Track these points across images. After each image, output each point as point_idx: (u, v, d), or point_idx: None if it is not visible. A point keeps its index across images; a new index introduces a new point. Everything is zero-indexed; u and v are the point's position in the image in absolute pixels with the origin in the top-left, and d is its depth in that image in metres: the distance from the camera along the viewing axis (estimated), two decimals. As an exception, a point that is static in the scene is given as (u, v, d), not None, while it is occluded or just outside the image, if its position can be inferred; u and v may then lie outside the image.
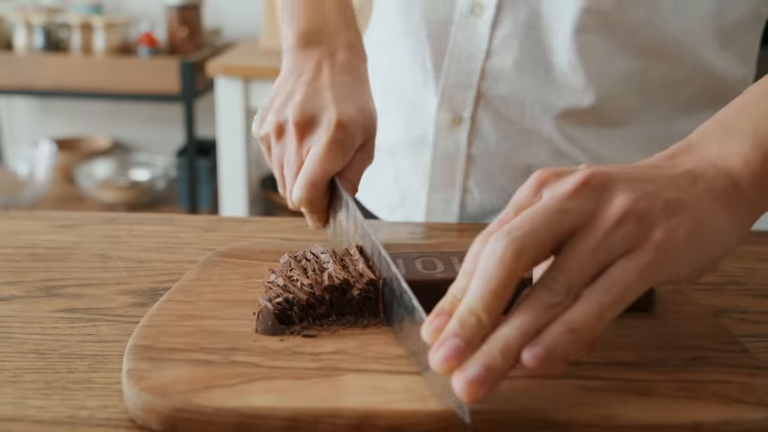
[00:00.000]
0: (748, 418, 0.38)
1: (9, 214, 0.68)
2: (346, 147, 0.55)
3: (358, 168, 0.58)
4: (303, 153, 0.56)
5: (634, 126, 0.68)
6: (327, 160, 0.54)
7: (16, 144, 2.63)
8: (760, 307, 0.54)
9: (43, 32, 2.23)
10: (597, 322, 0.35)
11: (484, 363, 0.34)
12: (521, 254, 0.35)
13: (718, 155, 0.41)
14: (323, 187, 0.55)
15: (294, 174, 0.56)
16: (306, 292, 0.46)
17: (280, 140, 0.58)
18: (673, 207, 0.38)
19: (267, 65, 2.00)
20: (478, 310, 0.35)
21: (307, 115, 0.56)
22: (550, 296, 0.35)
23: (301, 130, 0.56)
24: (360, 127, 0.56)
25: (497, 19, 0.66)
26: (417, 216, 0.75)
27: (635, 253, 0.36)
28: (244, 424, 0.37)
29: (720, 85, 0.68)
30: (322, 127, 0.55)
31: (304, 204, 0.55)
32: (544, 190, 0.39)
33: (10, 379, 0.42)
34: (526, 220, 0.36)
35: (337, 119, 0.55)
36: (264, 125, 0.59)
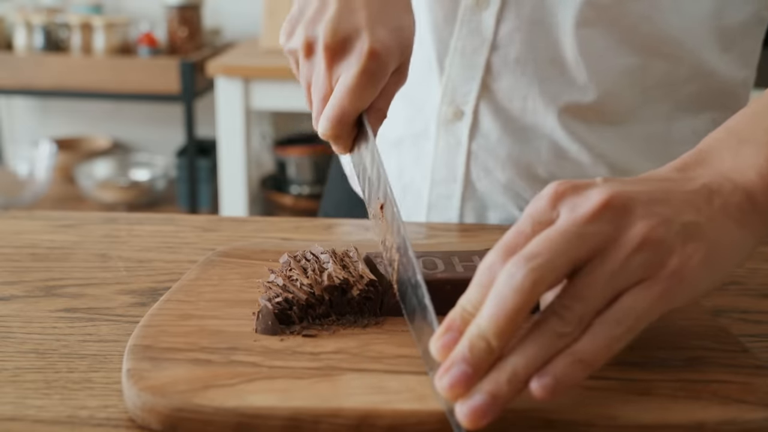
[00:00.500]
0: (748, 418, 0.38)
1: (9, 214, 0.68)
2: (378, 78, 0.51)
3: (389, 92, 0.54)
4: (333, 79, 0.52)
5: (635, 124, 0.68)
6: (356, 94, 0.51)
7: (16, 144, 2.63)
8: (760, 307, 0.54)
9: (43, 32, 2.23)
10: (607, 353, 0.35)
11: (490, 391, 0.34)
12: (539, 284, 0.35)
13: (733, 168, 0.41)
14: (351, 122, 0.52)
15: (321, 99, 0.53)
16: (305, 291, 0.46)
17: (309, 59, 0.54)
18: (690, 232, 0.37)
19: (267, 65, 2.00)
20: (489, 336, 0.34)
21: (338, 38, 0.51)
22: (561, 325, 0.35)
23: (331, 54, 0.52)
24: (395, 51, 0.52)
25: (502, 12, 0.65)
26: (419, 210, 0.75)
27: (649, 282, 0.36)
28: (244, 423, 0.37)
29: (720, 87, 0.68)
30: (354, 53, 0.51)
31: (330, 138, 0.52)
32: (561, 206, 0.38)
33: (10, 379, 0.42)
34: (545, 246, 0.36)
35: (369, 48, 0.50)
36: (292, 39, 0.55)
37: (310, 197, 2.34)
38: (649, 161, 0.69)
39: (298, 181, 2.36)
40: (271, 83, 1.98)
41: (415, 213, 0.75)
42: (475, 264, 0.49)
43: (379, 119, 0.54)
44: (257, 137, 2.46)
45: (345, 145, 0.53)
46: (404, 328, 0.46)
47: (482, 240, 0.65)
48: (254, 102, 2.00)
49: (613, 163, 0.69)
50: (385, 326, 0.46)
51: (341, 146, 0.54)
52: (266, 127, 2.53)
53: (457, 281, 0.47)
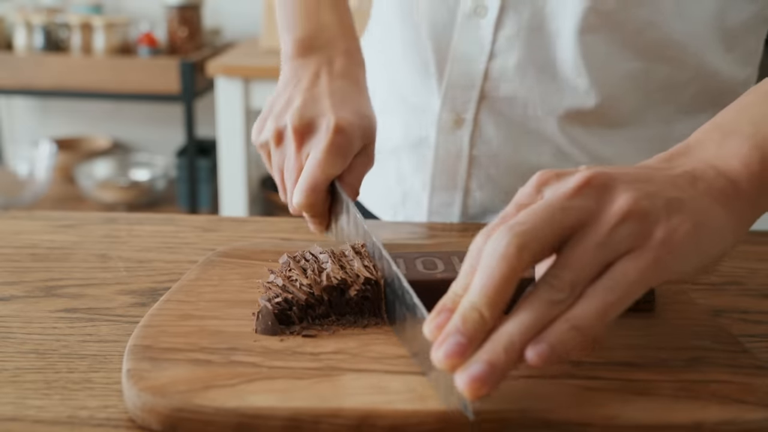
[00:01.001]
0: (748, 418, 0.38)
1: (9, 214, 0.68)
2: (345, 151, 0.56)
3: (358, 172, 0.58)
4: (302, 158, 0.57)
5: (637, 127, 0.68)
6: (326, 164, 0.55)
7: (16, 144, 2.63)
8: (760, 307, 0.54)
9: (43, 32, 2.23)
10: (600, 320, 0.35)
11: (488, 360, 0.34)
12: (523, 249, 0.35)
13: (717, 156, 0.42)
14: (323, 191, 0.55)
15: (294, 179, 0.57)
16: (305, 292, 0.46)
17: (280, 146, 0.59)
18: (674, 207, 0.38)
19: (267, 65, 2.00)
20: (480, 306, 0.35)
21: (305, 121, 0.57)
22: (553, 293, 0.36)
23: (300, 135, 0.57)
24: (358, 131, 0.57)
25: (500, 20, 0.65)
26: (419, 217, 0.75)
27: (638, 251, 0.37)
28: (244, 424, 0.37)
29: (722, 87, 0.68)
30: (320, 131, 0.56)
31: (305, 209, 0.56)
32: (546, 189, 0.39)
33: (10, 379, 0.42)
34: (528, 216, 0.36)
35: (335, 123, 0.55)
36: (263, 132, 0.60)
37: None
38: None
39: (298, 181, 2.36)
40: (271, 83, 1.97)
41: (415, 220, 0.76)
42: (475, 264, 0.49)
43: (353, 195, 0.57)
44: (257, 137, 2.45)
45: (321, 217, 0.57)
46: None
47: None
48: (254, 102, 2.00)
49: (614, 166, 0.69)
50: (385, 326, 0.46)
51: (317, 218, 0.57)
52: (266, 127, 2.52)
53: (457, 281, 0.47)
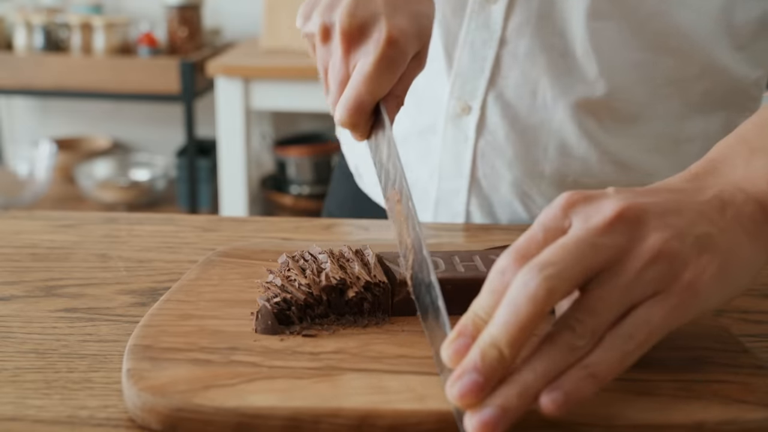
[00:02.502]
0: (748, 418, 0.38)
1: (9, 214, 0.68)
2: (396, 65, 0.51)
3: (407, 79, 0.53)
4: (350, 66, 0.51)
5: (645, 122, 0.68)
6: (374, 82, 0.50)
7: (16, 144, 2.63)
8: (760, 307, 0.54)
9: (43, 32, 2.23)
10: (619, 367, 0.35)
11: (501, 405, 0.34)
12: (553, 293, 0.34)
13: (745, 178, 0.41)
14: (369, 110, 0.51)
15: (338, 86, 0.52)
16: (304, 292, 0.46)
17: (326, 44, 0.53)
18: (703, 244, 0.37)
19: (267, 65, 2.00)
20: (501, 345, 0.34)
21: (355, 25, 0.51)
22: (573, 339, 0.35)
23: (348, 40, 0.51)
24: (413, 38, 0.51)
25: (511, 6, 0.65)
26: (426, 205, 0.75)
27: (663, 295, 0.36)
28: (244, 423, 0.37)
29: (732, 86, 0.68)
30: (371, 40, 0.50)
31: (347, 126, 0.52)
32: (573, 215, 0.38)
33: (10, 379, 0.42)
34: (559, 255, 0.35)
35: (387, 34, 0.50)
36: (309, 23, 0.54)
37: (310, 197, 2.34)
38: (659, 160, 0.69)
39: (298, 181, 2.36)
40: (271, 83, 1.98)
41: (421, 208, 0.75)
42: (475, 264, 0.49)
43: (396, 106, 0.53)
44: (257, 137, 2.46)
45: (362, 133, 0.53)
46: (405, 328, 0.46)
47: (485, 240, 0.65)
48: (254, 102, 2.00)
49: (621, 161, 0.69)
50: (385, 326, 0.46)
51: (358, 134, 0.53)
52: (266, 127, 2.53)
53: (458, 281, 0.47)
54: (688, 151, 0.69)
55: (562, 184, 0.69)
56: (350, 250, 0.50)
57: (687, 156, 0.69)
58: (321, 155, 2.34)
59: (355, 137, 0.54)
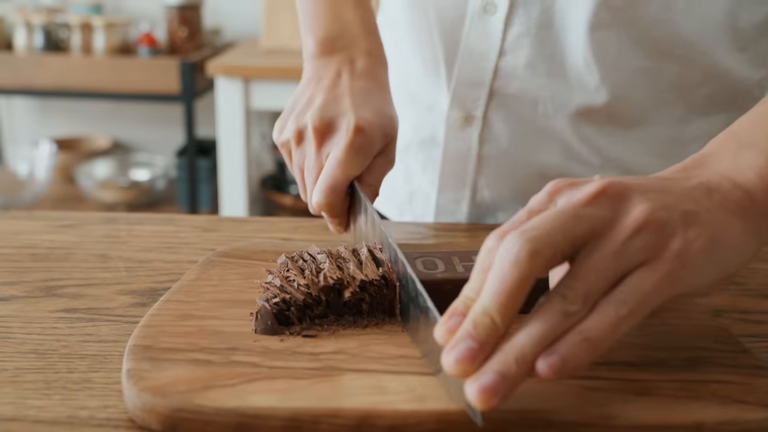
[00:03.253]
0: (748, 418, 0.38)
1: (9, 214, 0.68)
2: (365, 151, 0.56)
3: (378, 173, 0.58)
4: (323, 158, 0.57)
5: (648, 127, 0.68)
6: (346, 164, 0.55)
7: (16, 144, 2.63)
8: (760, 307, 0.54)
9: (43, 32, 2.23)
10: (613, 333, 0.35)
11: (498, 370, 0.34)
12: (536, 255, 0.35)
13: (733, 168, 0.41)
14: (343, 191, 0.55)
15: (314, 179, 0.57)
16: (303, 292, 0.46)
17: (300, 146, 0.59)
18: (690, 219, 0.38)
19: (267, 65, 2.00)
20: (492, 311, 0.35)
21: (326, 121, 0.56)
22: (566, 305, 0.35)
23: (320, 135, 0.56)
24: (379, 131, 0.57)
25: (510, 17, 0.65)
26: (427, 215, 0.75)
27: (653, 263, 0.36)
28: (244, 424, 0.37)
29: (735, 88, 0.68)
30: (341, 131, 0.56)
31: (324, 209, 0.55)
32: (559, 197, 0.39)
33: (10, 379, 0.42)
34: (541, 222, 0.36)
35: (355, 123, 0.55)
36: (284, 132, 0.60)
37: (310, 197, 2.34)
38: (661, 164, 0.69)
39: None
40: (271, 83, 1.98)
41: (422, 218, 0.75)
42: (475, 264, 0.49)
43: (372, 195, 0.57)
44: (257, 137, 2.46)
45: (340, 217, 0.57)
46: (405, 329, 0.46)
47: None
48: (254, 102, 2.00)
49: (624, 165, 0.69)
50: (385, 326, 0.46)
51: (336, 218, 0.57)
52: (266, 127, 2.53)
53: (458, 281, 0.47)
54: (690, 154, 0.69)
55: None
56: (347, 250, 0.50)
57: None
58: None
59: (334, 227, 0.58)
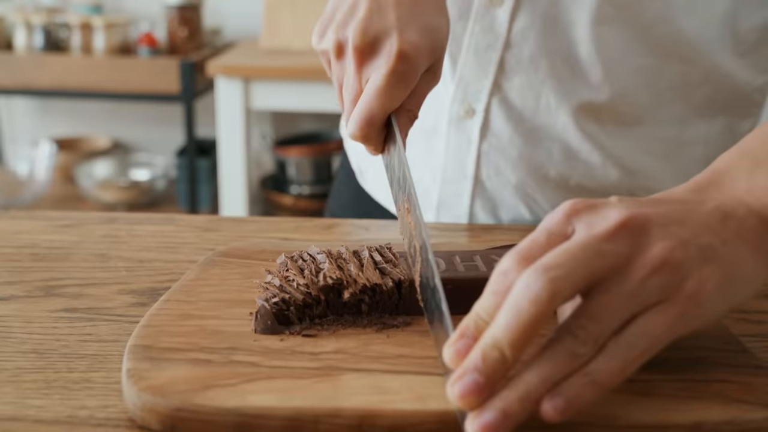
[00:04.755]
0: (748, 417, 0.38)
1: (9, 214, 0.68)
2: (407, 79, 0.51)
3: (420, 93, 0.54)
4: (362, 80, 0.52)
5: (648, 126, 0.68)
6: (385, 96, 0.50)
7: (16, 144, 2.63)
8: (760, 307, 0.54)
9: (43, 32, 2.23)
10: (621, 375, 0.35)
11: (502, 409, 0.34)
12: (556, 296, 0.34)
13: (747, 191, 0.41)
14: (380, 123, 0.52)
15: (352, 101, 0.53)
16: (302, 292, 0.46)
17: (340, 60, 0.54)
18: (706, 256, 0.37)
19: (267, 65, 2.00)
20: (503, 346, 0.34)
21: (367, 40, 0.51)
22: (576, 345, 0.35)
23: (360, 55, 0.52)
24: (426, 52, 0.52)
25: (516, 10, 0.65)
26: (428, 207, 0.75)
27: (666, 304, 0.36)
28: (244, 423, 0.37)
29: (735, 92, 0.68)
30: (383, 54, 0.51)
31: (359, 139, 0.52)
32: (577, 221, 0.38)
33: (10, 379, 0.42)
34: (563, 258, 0.35)
35: (398, 49, 0.50)
36: (323, 40, 0.55)
37: (310, 197, 2.34)
38: (661, 163, 0.69)
39: (298, 181, 2.36)
40: (271, 83, 1.98)
41: (424, 210, 0.75)
42: (476, 264, 0.49)
43: (409, 120, 0.54)
44: (257, 137, 2.46)
45: (375, 147, 0.54)
46: (404, 328, 0.46)
47: (487, 240, 0.65)
48: (254, 102, 2.00)
49: (625, 164, 0.69)
50: (385, 326, 0.46)
51: (371, 148, 0.54)
52: (266, 127, 2.53)
53: (459, 281, 0.47)
54: (690, 155, 0.69)
55: (565, 187, 0.69)
56: (347, 251, 0.50)
57: (689, 160, 0.69)
58: (321, 155, 2.34)
59: (369, 151, 0.54)
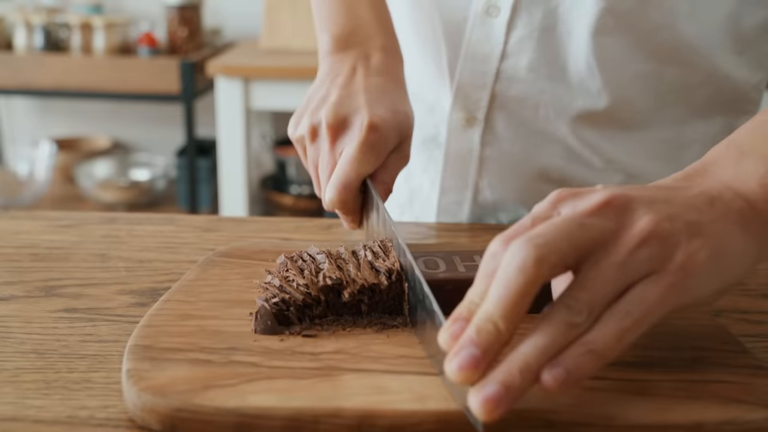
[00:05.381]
0: (748, 418, 0.38)
1: (9, 214, 0.68)
2: (378, 149, 0.55)
3: (392, 169, 0.58)
4: (336, 155, 0.56)
5: (648, 129, 0.68)
6: (359, 162, 0.54)
7: (16, 144, 2.63)
8: (760, 307, 0.54)
9: (43, 32, 2.23)
10: (618, 344, 0.35)
11: (502, 381, 0.34)
12: (542, 262, 0.35)
13: (734, 177, 0.41)
14: (356, 188, 0.55)
15: (328, 175, 0.57)
16: (302, 292, 0.46)
17: (314, 142, 0.58)
18: (694, 230, 0.38)
19: (267, 65, 2.00)
20: (496, 317, 0.34)
21: (340, 118, 0.56)
22: (570, 315, 0.35)
23: (333, 131, 0.56)
24: (393, 128, 0.56)
25: (513, 20, 0.65)
26: (427, 215, 0.75)
27: (657, 275, 0.36)
28: (244, 424, 0.37)
29: (734, 91, 0.68)
30: (354, 129, 0.56)
31: (337, 206, 0.55)
32: (562, 206, 0.39)
33: (10, 379, 0.42)
34: (547, 229, 0.36)
35: (369, 121, 0.55)
36: (299, 127, 0.60)
37: (310, 197, 2.34)
38: (661, 166, 0.69)
39: (298, 181, 2.36)
40: (271, 83, 1.98)
41: (424, 219, 0.75)
42: (477, 263, 0.49)
43: (384, 193, 0.56)
44: (257, 137, 2.46)
45: (353, 214, 0.57)
46: (404, 329, 0.46)
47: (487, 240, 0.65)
48: (254, 102, 2.00)
49: (625, 167, 0.69)
50: (385, 326, 0.46)
51: (349, 215, 0.57)
52: (266, 127, 2.53)
53: (459, 281, 0.47)
54: (689, 156, 0.69)
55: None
56: (347, 251, 0.50)
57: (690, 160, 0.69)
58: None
59: (348, 223, 0.58)
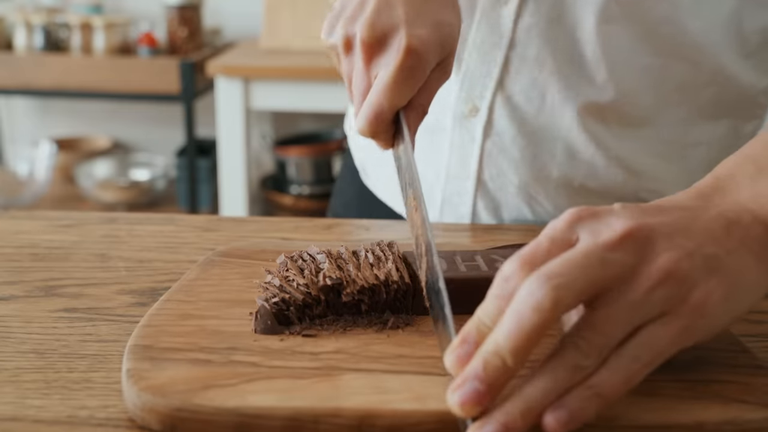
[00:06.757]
0: (748, 417, 0.38)
1: (9, 214, 0.68)
2: (416, 75, 0.50)
3: (431, 88, 0.53)
4: (371, 76, 0.52)
5: (652, 127, 0.68)
6: (393, 92, 0.50)
7: (16, 144, 2.63)
8: (760, 307, 0.54)
9: (43, 32, 2.23)
10: (623, 388, 0.35)
11: (504, 422, 0.33)
12: (559, 304, 0.34)
13: (751, 198, 0.41)
14: (388, 119, 0.51)
15: (361, 96, 0.52)
16: (302, 292, 0.46)
17: (349, 55, 0.54)
18: (711, 266, 0.37)
19: (267, 65, 2.00)
20: (505, 354, 0.34)
21: (376, 35, 0.51)
22: (579, 358, 0.35)
23: (369, 50, 0.51)
24: (435, 47, 0.51)
25: (521, 9, 0.65)
26: (431, 205, 0.75)
27: (670, 316, 0.36)
28: (244, 423, 0.37)
29: (740, 94, 0.67)
30: (391, 50, 0.50)
31: (368, 135, 0.52)
32: (581, 229, 0.38)
33: (10, 379, 0.42)
34: (567, 266, 0.35)
35: (406, 44, 0.49)
36: (332, 34, 0.54)
37: (310, 197, 2.34)
38: (666, 165, 0.69)
39: (298, 181, 2.36)
40: (271, 83, 1.98)
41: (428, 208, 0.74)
42: (477, 264, 0.49)
43: (419, 116, 0.53)
44: (257, 137, 2.46)
45: (384, 142, 0.53)
46: (404, 328, 0.46)
47: (488, 240, 0.65)
48: (254, 102, 2.00)
49: (629, 166, 0.68)
50: (385, 326, 0.46)
51: (380, 143, 0.53)
52: (266, 127, 2.53)
53: (459, 281, 0.47)
54: (694, 157, 0.69)
55: (568, 188, 0.69)
56: (347, 251, 0.50)
57: (693, 161, 0.69)
58: (321, 155, 2.34)
59: (379, 146, 0.54)
